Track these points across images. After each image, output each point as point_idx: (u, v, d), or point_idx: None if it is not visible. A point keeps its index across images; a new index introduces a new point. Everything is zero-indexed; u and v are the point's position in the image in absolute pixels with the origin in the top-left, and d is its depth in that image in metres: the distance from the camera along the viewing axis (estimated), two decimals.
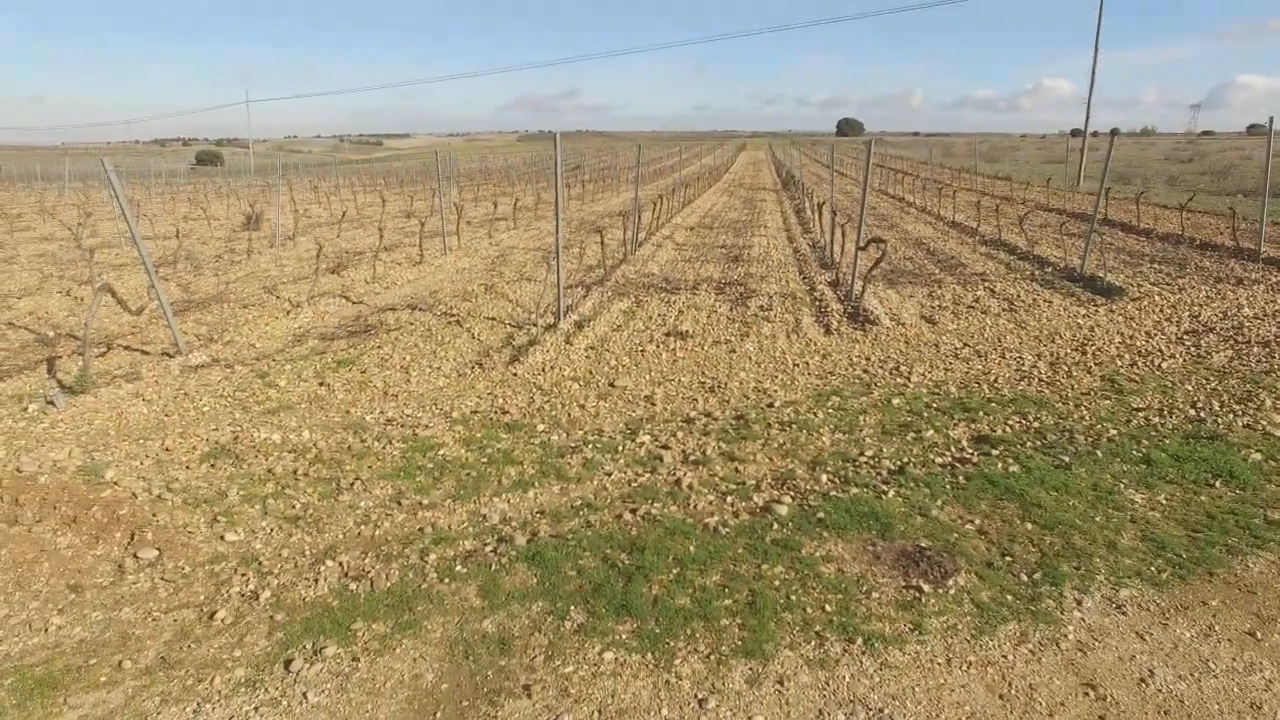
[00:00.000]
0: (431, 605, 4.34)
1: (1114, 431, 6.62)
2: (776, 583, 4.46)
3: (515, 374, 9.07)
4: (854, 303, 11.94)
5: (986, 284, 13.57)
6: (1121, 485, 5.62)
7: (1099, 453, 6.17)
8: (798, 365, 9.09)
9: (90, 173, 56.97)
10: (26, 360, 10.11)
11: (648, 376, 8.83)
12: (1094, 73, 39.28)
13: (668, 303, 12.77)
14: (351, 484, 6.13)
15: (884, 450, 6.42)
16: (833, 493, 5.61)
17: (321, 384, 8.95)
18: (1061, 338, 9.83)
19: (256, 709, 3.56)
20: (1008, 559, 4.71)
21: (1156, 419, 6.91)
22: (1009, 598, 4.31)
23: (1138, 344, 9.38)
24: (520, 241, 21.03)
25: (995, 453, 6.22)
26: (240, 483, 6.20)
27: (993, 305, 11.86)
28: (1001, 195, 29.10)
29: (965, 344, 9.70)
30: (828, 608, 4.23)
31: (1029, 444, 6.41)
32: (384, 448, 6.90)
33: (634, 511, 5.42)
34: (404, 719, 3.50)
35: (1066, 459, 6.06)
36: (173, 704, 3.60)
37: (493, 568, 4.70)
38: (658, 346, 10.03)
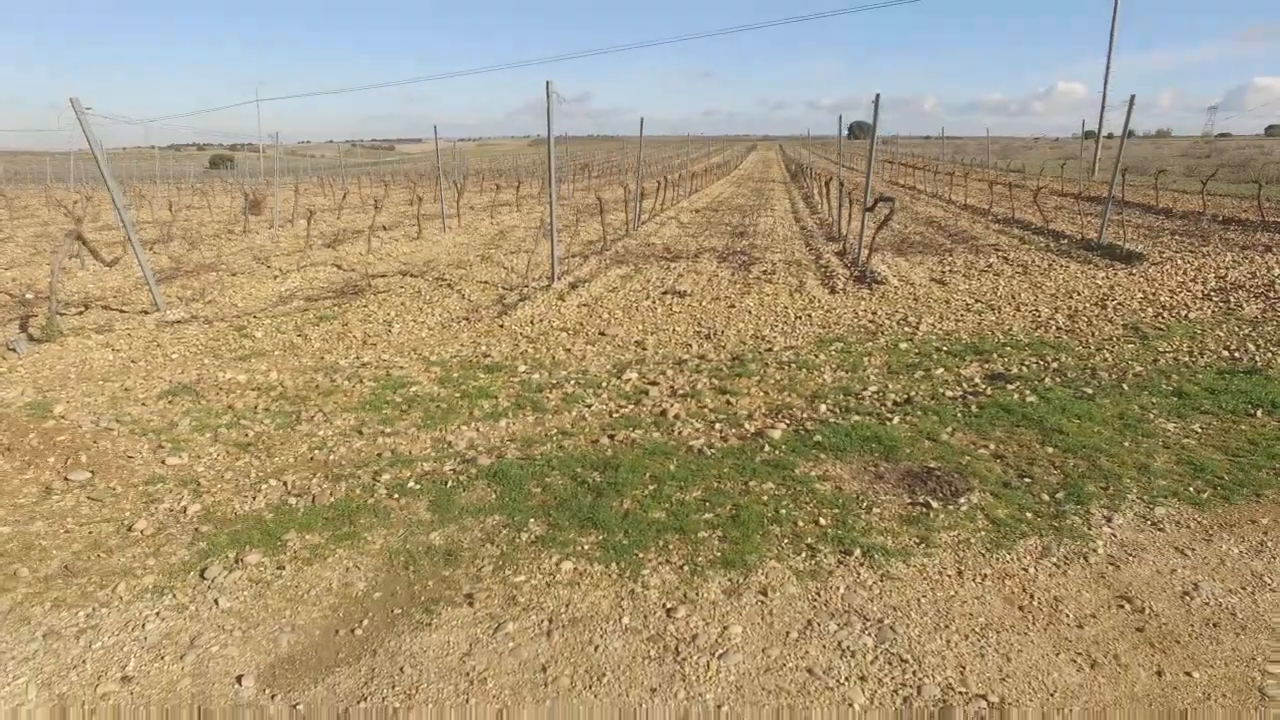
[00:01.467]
0: (375, 519, 3.87)
1: (1140, 369, 6.09)
2: (765, 498, 3.96)
3: (502, 325, 8.61)
4: (861, 267, 11.41)
5: (1000, 253, 13.00)
6: (1151, 415, 5.08)
7: (1125, 386, 5.63)
8: (800, 318, 8.58)
9: (98, 175, 56.87)
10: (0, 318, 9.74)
11: (640, 326, 8.35)
12: (1109, 62, 38.62)
13: (667, 269, 12.28)
14: (312, 416, 5.68)
15: (890, 386, 5.91)
16: (832, 420, 5.10)
17: (299, 335, 8.51)
18: (1080, 295, 9.28)
19: (158, 613, 3.09)
20: (1026, 480, 4.19)
21: (1186, 358, 6.37)
22: (1029, 515, 3.80)
23: (1161, 299, 8.81)
24: (521, 222, 20.61)
25: (1011, 387, 5.70)
26: (196, 416, 5.76)
27: (1006, 270, 11.30)
28: (1015, 184, 28.42)
29: (977, 300, 9.16)
30: (822, 521, 3.73)
31: (1048, 380, 5.88)
32: (354, 386, 6.45)
33: (612, 437, 4.93)
34: (324, 625, 3.03)
35: (1089, 391, 5.53)
36: (65, 609, 3.14)
37: (449, 484, 4.22)
38: (653, 302, 9.54)
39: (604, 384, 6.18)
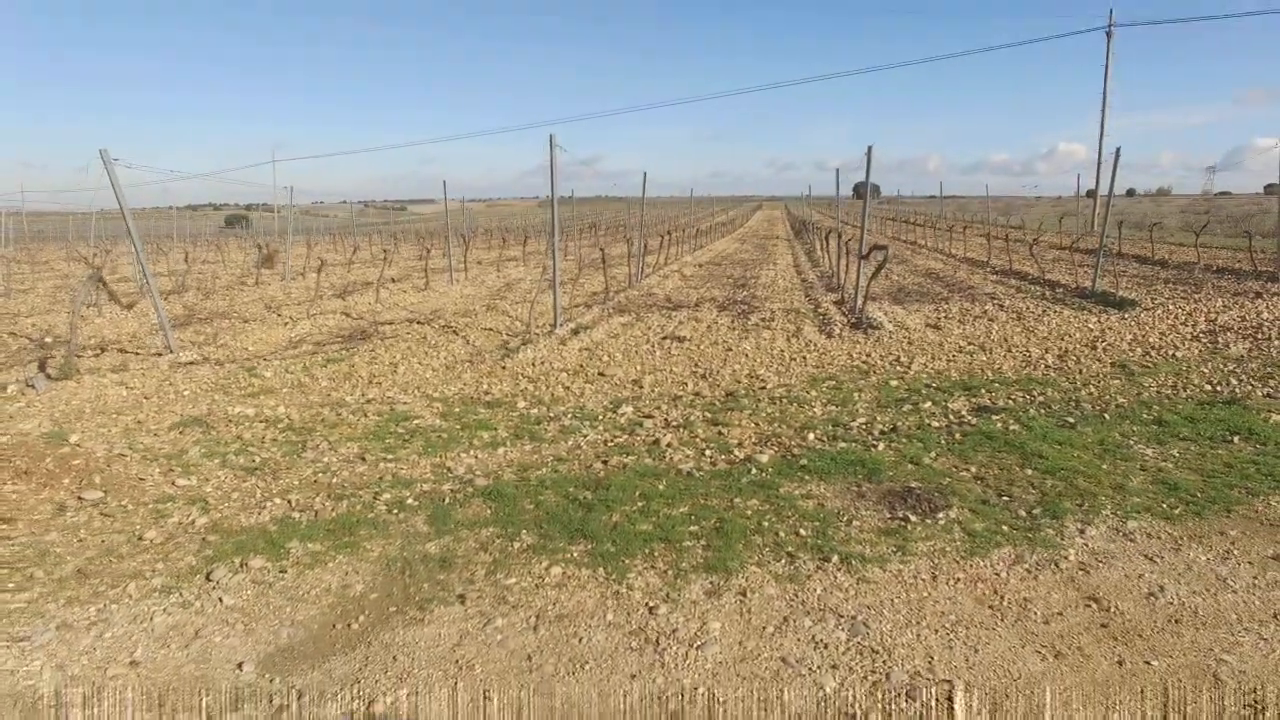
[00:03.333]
0: (375, 531, 4.03)
1: (1123, 400, 6.25)
2: (749, 513, 4.11)
3: (504, 367, 8.84)
4: (857, 314, 11.67)
5: (995, 300, 13.26)
6: (1131, 441, 5.23)
7: (1106, 416, 5.79)
8: (795, 359, 8.79)
9: (118, 233, 58.18)
10: (19, 359, 10.05)
11: (639, 367, 8.57)
12: (1103, 122, 39.53)
13: (668, 317, 12.57)
14: (317, 445, 5.87)
15: (877, 418, 6.07)
16: (819, 447, 5.26)
17: (307, 375, 8.76)
18: (1071, 337, 9.47)
19: (165, 610, 3.25)
20: (1005, 498, 4.33)
21: (1169, 391, 6.53)
22: (1004, 528, 3.93)
23: (1150, 340, 9.00)
24: (527, 275, 21.05)
25: (996, 418, 5.86)
26: (205, 445, 5.96)
27: (1000, 316, 11.54)
28: (1013, 238, 28.87)
29: (970, 343, 9.37)
30: (802, 532, 3.87)
31: (1033, 411, 6.04)
32: (359, 419, 6.66)
33: (605, 462, 5.11)
34: (322, 620, 3.18)
35: (1071, 420, 5.68)
36: (77, 605, 3.30)
37: (446, 501, 4.39)
38: (653, 347, 9.79)
39: (600, 417, 6.37)
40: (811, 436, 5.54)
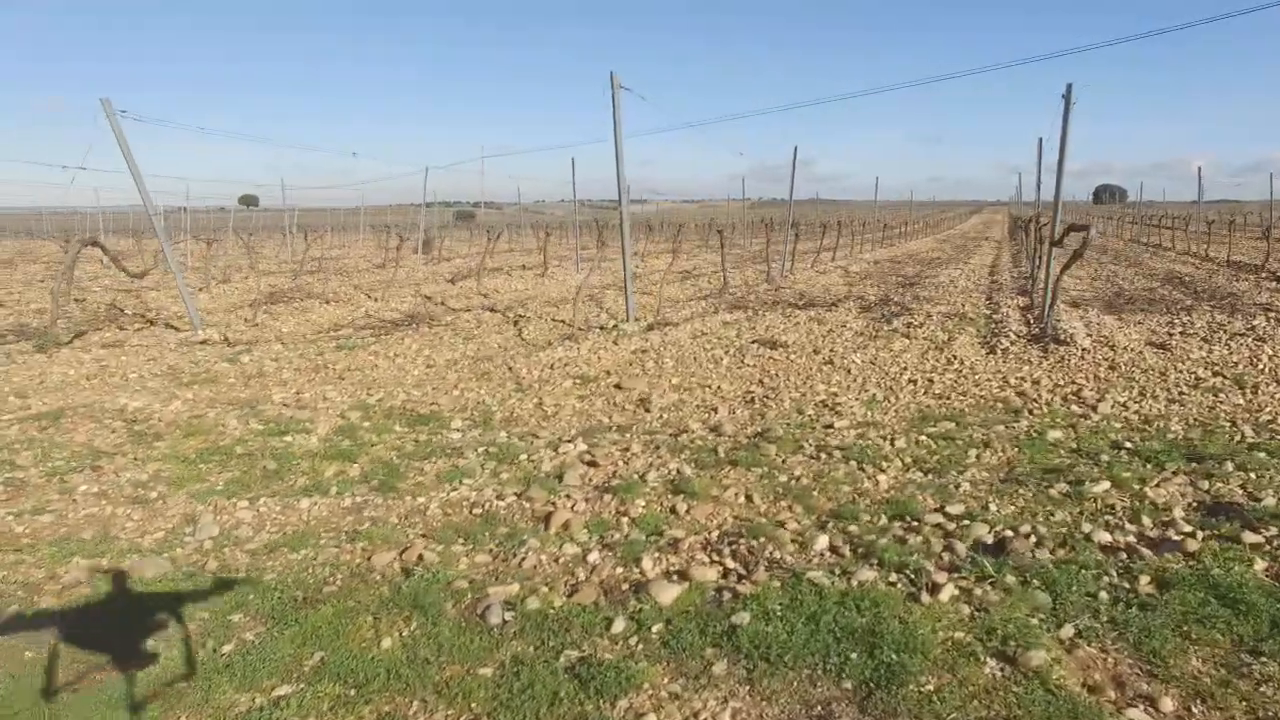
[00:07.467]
0: None
1: None
2: None
3: (510, 368, 6.70)
4: (1043, 322, 8.23)
5: (1272, 313, 9.08)
6: None
7: None
8: (915, 380, 5.84)
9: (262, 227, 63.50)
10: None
11: (674, 381, 6.05)
12: None
13: (788, 317, 9.80)
14: (117, 462, 4.09)
15: (991, 507, 3.17)
16: (814, 573, 2.53)
17: (285, 364, 7.18)
18: None
19: None
20: None
21: None
22: None
23: None
24: (669, 266, 18.90)
25: (1252, 539, 2.76)
26: None
27: (1278, 334, 7.60)
28: None
29: (1216, 373, 5.83)
30: None
31: None
32: (233, 427, 4.85)
33: (403, 553, 2.75)
34: None
35: None
36: None
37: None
38: (728, 353, 7.18)
39: (521, 458, 4.02)
40: (822, 542, 2.80)
